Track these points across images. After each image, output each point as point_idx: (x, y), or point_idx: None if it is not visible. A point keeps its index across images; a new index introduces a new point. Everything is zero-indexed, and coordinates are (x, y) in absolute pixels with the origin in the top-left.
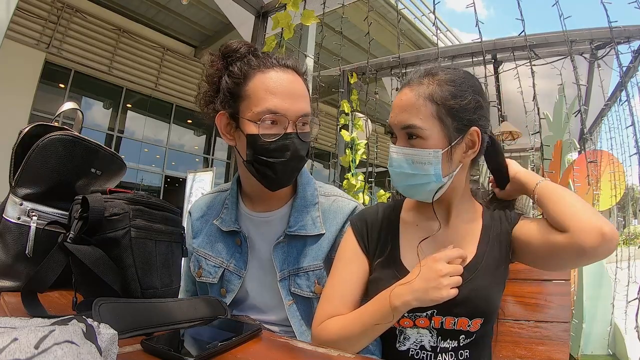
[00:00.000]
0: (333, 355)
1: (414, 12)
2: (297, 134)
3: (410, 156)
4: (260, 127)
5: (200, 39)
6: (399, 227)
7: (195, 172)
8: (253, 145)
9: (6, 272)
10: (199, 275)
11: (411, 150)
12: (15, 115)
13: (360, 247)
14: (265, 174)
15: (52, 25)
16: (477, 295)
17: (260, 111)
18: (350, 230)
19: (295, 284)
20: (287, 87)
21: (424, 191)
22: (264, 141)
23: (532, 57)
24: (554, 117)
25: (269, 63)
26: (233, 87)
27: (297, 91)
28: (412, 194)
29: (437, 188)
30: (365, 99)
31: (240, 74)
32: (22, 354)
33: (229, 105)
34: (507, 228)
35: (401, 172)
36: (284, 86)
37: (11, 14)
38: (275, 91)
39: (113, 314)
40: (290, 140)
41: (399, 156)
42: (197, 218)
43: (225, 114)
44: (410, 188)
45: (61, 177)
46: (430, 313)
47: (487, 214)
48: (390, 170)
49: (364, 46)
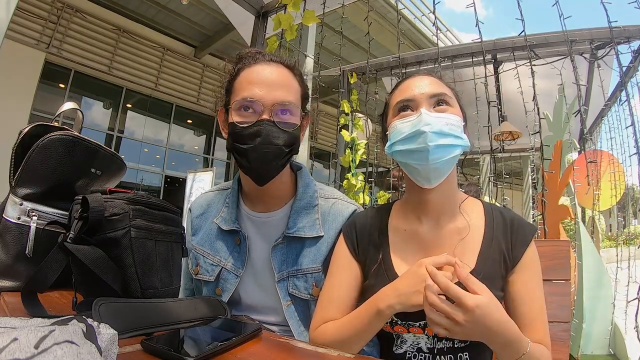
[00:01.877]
0: (333, 355)
1: (414, 12)
2: (273, 122)
3: (444, 119)
4: (237, 115)
5: (200, 39)
6: (388, 232)
7: (195, 172)
8: (231, 133)
9: (6, 272)
10: (196, 272)
11: (444, 114)
12: (15, 115)
13: (351, 252)
14: (242, 163)
15: (52, 25)
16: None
17: (238, 99)
18: (341, 237)
19: (294, 285)
20: (265, 77)
21: (450, 154)
22: (238, 127)
23: (532, 57)
24: (554, 117)
25: (257, 59)
26: (227, 84)
27: (276, 80)
28: (440, 155)
29: (459, 156)
30: (365, 99)
31: (234, 72)
32: (22, 353)
33: (225, 101)
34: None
35: (438, 131)
36: (263, 75)
37: (11, 14)
38: (254, 81)
39: (113, 314)
40: (262, 127)
41: (436, 119)
42: (197, 215)
43: (222, 109)
44: (440, 148)
45: (61, 177)
46: (423, 324)
47: (490, 215)
48: (425, 128)
49: (364, 46)
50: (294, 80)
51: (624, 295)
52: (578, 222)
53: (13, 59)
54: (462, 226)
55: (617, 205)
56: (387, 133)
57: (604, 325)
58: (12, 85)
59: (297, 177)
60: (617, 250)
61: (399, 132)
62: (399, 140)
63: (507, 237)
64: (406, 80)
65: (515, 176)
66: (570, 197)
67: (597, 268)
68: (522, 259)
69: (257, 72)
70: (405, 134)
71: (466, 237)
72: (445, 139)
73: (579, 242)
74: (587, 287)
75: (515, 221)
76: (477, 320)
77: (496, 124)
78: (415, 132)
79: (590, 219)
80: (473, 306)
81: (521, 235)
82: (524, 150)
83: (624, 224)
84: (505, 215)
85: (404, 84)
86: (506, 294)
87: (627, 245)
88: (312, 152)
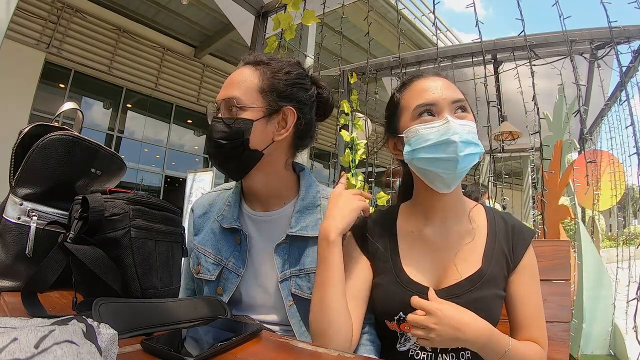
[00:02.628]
0: (333, 356)
1: (414, 12)
2: (220, 119)
3: (468, 126)
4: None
5: (200, 39)
6: (397, 233)
7: (195, 172)
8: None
9: (6, 272)
10: (197, 271)
11: (467, 122)
12: (15, 115)
13: (361, 249)
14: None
15: (52, 25)
16: (477, 306)
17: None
18: (350, 235)
19: (297, 285)
20: (228, 79)
21: (473, 162)
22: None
23: (532, 57)
24: (554, 117)
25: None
26: None
27: (231, 79)
28: (466, 164)
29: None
30: (365, 99)
31: None
32: (22, 353)
33: None
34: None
35: (465, 140)
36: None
37: (11, 14)
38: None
39: (113, 314)
40: (211, 125)
41: (461, 127)
42: (200, 215)
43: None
44: (467, 157)
45: (61, 177)
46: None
47: (492, 219)
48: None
49: (364, 46)
50: (253, 75)
51: (624, 295)
52: (578, 222)
53: (13, 59)
54: (468, 229)
55: (617, 205)
56: (403, 136)
57: (604, 325)
58: (12, 85)
59: (299, 178)
60: (617, 250)
61: (422, 139)
62: (424, 147)
63: (508, 239)
64: (421, 81)
65: (515, 176)
66: (570, 197)
67: (597, 268)
68: (522, 261)
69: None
70: (431, 142)
71: (470, 239)
72: (471, 148)
73: (579, 242)
74: (587, 287)
75: (516, 225)
76: (443, 322)
77: (496, 124)
78: (444, 140)
79: (590, 219)
80: (436, 309)
81: (521, 238)
82: (524, 150)
83: (624, 224)
84: (507, 220)
85: (420, 85)
86: (507, 294)
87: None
88: (312, 152)
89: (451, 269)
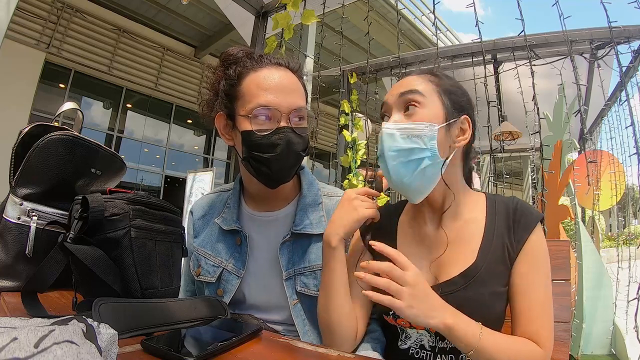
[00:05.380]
0: (333, 356)
1: (414, 12)
2: (291, 128)
3: (406, 130)
4: (253, 123)
5: (200, 39)
6: (397, 230)
7: (195, 172)
8: (247, 142)
9: (6, 272)
10: (198, 274)
11: (406, 124)
12: (15, 115)
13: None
14: (261, 171)
15: (52, 25)
16: (471, 303)
17: (252, 107)
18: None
19: (302, 282)
20: (278, 82)
21: (415, 170)
22: (257, 136)
23: (532, 57)
24: (554, 117)
25: (261, 62)
26: (229, 88)
27: (288, 85)
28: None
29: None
30: (365, 99)
31: (234, 75)
32: (22, 352)
33: (226, 106)
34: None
35: (396, 149)
36: (275, 81)
37: (11, 14)
38: (267, 87)
39: (113, 314)
40: (283, 134)
41: (389, 136)
42: (199, 217)
43: (222, 115)
44: (401, 166)
45: (61, 177)
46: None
47: (492, 211)
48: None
49: (364, 46)
50: (300, 83)
51: (625, 295)
52: (578, 222)
53: (13, 59)
54: (462, 224)
55: (617, 205)
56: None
57: (604, 325)
58: (12, 85)
59: (300, 176)
60: (617, 250)
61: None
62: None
63: (508, 225)
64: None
65: (515, 176)
66: (570, 197)
67: (597, 268)
68: (524, 247)
69: (267, 77)
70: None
71: (466, 234)
72: (404, 156)
73: (579, 242)
74: (587, 287)
75: (519, 207)
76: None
77: (496, 124)
78: (379, 152)
79: (590, 219)
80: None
81: (523, 220)
82: (524, 150)
83: (624, 224)
84: (509, 204)
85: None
86: (508, 287)
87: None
88: (313, 152)
89: (445, 265)
